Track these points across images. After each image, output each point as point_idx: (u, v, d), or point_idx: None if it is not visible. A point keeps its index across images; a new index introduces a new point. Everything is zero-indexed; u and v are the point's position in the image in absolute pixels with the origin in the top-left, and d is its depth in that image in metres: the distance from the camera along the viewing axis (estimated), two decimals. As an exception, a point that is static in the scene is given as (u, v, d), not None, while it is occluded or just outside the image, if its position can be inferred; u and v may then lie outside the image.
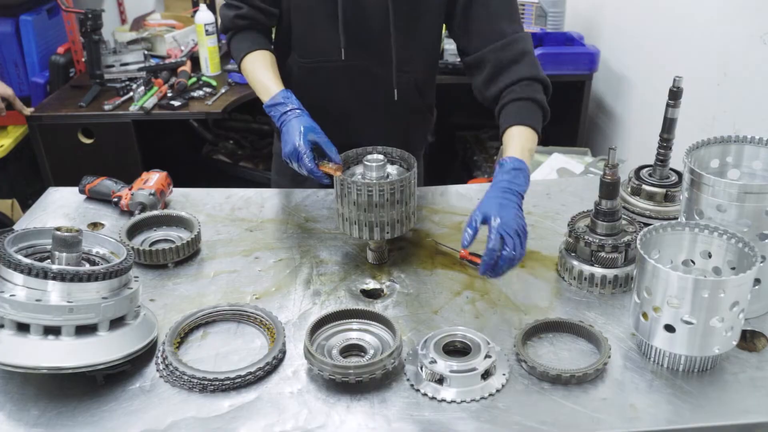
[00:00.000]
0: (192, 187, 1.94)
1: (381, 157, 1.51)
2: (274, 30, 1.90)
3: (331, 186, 1.59)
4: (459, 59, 3.10)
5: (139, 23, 3.84)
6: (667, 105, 1.48)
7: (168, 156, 3.39)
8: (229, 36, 1.81)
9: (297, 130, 1.53)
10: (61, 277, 1.13)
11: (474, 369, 1.18)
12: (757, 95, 2.10)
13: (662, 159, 1.56)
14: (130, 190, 1.78)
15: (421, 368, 1.21)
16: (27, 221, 1.77)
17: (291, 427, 1.13)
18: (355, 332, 1.30)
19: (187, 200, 1.87)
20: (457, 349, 1.25)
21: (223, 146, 3.92)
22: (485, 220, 1.34)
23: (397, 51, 1.72)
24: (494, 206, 1.34)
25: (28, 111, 2.94)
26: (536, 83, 1.64)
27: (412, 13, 1.71)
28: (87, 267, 1.21)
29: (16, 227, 1.43)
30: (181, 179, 1.96)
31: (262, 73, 1.70)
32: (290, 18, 1.78)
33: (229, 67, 3.32)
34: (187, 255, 1.58)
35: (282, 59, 1.83)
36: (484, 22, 1.68)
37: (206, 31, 3.21)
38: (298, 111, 1.58)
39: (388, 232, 1.48)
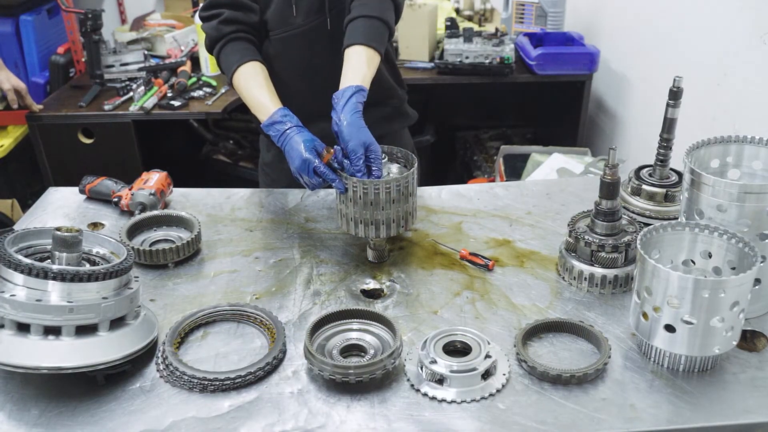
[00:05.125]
0: (192, 187, 1.94)
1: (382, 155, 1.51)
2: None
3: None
4: (459, 59, 3.15)
5: (139, 23, 3.84)
6: (667, 105, 1.48)
7: (168, 156, 3.39)
8: (217, 50, 1.74)
9: (300, 144, 1.53)
10: (61, 277, 1.13)
11: (474, 369, 1.18)
12: (757, 95, 2.09)
13: (662, 159, 1.56)
14: (130, 190, 1.78)
15: (421, 368, 1.21)
16: (27, 221, 1.77)
17: (291, 427, 1.13)
18: (355, 332, 1.30)
19: (187, 200, 1.87)
20: (457, 349, 1.25)
21: (223, 146, 3.92)
22: (368, 146, 1.47)
23: None
24: (367, 134, 1.48)
25: (37, 107, 2.95)
26: (388, 1, 1.72)
27: None
28: (87, 267, 1.21)
29: (16, 227, 1.43)
30: (181, 179, 1.96)
31: (257, 91, 1.67)
32: None
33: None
34: (187, 255, 1.58)
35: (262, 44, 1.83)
36: None
37: (206, 31, 3.21)
38: (297, 128, 1.57)
39: (390, 230, 1.49)
